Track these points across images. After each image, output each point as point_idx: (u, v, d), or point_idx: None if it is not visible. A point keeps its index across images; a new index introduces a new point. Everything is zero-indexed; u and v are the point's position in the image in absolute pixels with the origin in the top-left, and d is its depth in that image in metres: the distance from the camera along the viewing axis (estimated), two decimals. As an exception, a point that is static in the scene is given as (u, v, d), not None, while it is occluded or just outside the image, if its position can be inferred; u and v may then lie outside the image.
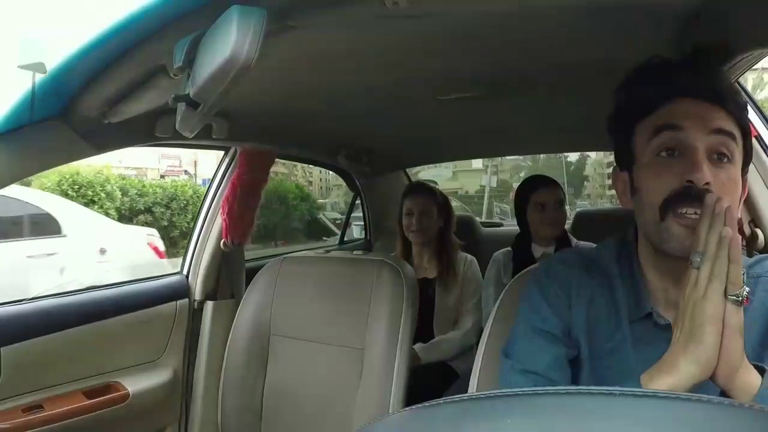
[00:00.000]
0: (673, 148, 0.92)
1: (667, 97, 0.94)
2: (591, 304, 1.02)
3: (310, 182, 13.46)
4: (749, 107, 1.47)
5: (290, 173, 14.44)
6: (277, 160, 2.38)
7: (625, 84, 1.01)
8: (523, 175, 17.78)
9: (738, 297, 0.79)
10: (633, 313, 0.99)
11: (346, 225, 3.93)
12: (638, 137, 0.98)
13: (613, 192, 1.09)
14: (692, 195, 0.87)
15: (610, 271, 1.04)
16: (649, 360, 0.95)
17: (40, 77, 1.04)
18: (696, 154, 0.89)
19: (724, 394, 0.81)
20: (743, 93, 1.48)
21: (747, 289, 0.80)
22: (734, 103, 0.93)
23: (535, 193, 2.41)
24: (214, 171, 2.39)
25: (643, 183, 0.96)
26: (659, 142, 0.93)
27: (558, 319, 1.04)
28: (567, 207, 2.58)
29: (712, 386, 0.82)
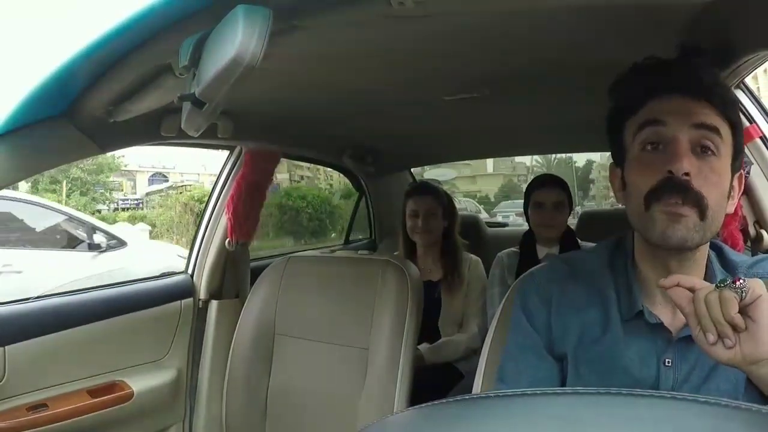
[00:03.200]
0: (657, 141, 0.95)
1: (652, 94, 0.97)
2: (578, 311, 1.03)
3: (331, 185, 13.84)
4: (756, 109, 1.47)
5: (314, 176, 14.78)
6: (300, 164, 2.39)
7: (616, 84, 1.04)
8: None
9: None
10: (626, 313, 1.00)
11: (351, 225, 3.93)
12: (627, 134, 1.01)
13: (617, 193, 1.10)
14: (672, 185, 0.90)
15: (601, 273, 1.05)
16: (641, 359, 0.96)
17: (45, 75, 1.04)
18: (677, 145, 0.91)
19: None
20: (748, 92, 1.48)
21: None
22: (721, 98, 0.94)
23: (534, 193, 2.39)
24: (219, 170, 2.39)
25: (630, 177, 0.99)
26: (643, 137, 0.96)
27: (537, 333, 1.06)
28: (578, 208, 2.56)
29: None
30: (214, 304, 2.30)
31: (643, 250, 1.02)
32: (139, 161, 19.15)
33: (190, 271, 2.33)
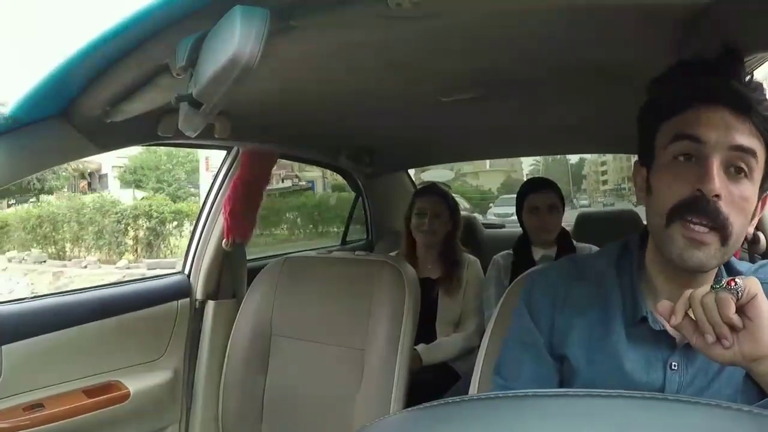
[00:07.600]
0: (691, 154, 0.91)
1: (691, 102, 0.92)
2: (582, 313, 1.03)
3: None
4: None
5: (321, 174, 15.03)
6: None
7: (656, 82, 1.00)
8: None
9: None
10: (630, 318, 0.99)
11: (348, 225, 3.92)
12: (660, 137, 0.97)
13: (606, 187, 1.09)
14: (700, 205, 0.87)
15: (607, 276, 1.04)
16: (646, 363, 0.96)
17: (42, 75, 1.04)
18: (710, 164, 0.88)
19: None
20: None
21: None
22: (760, 114, 0.89)
23: (528, 197, 2.42)
24: (216, 171, 2.39)
25: (656, 184, 0.96)
26: (677, 149, 0.93)
27: (540, 332, 1.06)
28: (574, 201, 2.57)
29: None
30: (210, 304, 2.29)
31: (655, 257, 1.01)
32: (199, 160, 20.83)
33: (186, 271, 2.32)
